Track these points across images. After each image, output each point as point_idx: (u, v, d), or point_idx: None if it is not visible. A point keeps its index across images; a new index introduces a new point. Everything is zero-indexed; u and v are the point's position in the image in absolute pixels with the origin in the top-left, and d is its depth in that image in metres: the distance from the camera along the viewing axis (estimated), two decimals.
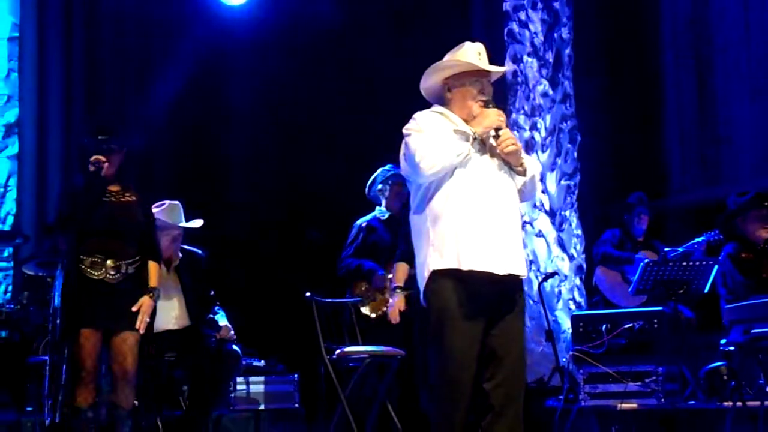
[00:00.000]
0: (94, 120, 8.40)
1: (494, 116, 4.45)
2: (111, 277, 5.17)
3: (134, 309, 5.22)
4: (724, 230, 7.22)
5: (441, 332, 4.36)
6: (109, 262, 5.17)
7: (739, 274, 6.85)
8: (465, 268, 4.32)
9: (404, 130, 4.49)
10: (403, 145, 4.46)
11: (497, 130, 4.45)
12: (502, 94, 8.84)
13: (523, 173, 4.53)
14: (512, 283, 4.44)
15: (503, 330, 4.40)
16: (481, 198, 4.38)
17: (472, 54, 4.57)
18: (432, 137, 4.37)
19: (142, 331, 5.26)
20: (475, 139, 4.40)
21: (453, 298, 4.34)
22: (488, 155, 4.48)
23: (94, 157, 5.22)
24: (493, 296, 4.38)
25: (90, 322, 5.10)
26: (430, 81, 4.63)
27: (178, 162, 8.85)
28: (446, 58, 4.60)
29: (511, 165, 4.50)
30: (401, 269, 6.49)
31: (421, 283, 4.47)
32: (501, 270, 4.36)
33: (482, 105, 4.50)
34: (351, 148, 8.85)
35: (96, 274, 5.16)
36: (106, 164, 5.24)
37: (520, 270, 4.45)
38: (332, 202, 8.55)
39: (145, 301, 5.28)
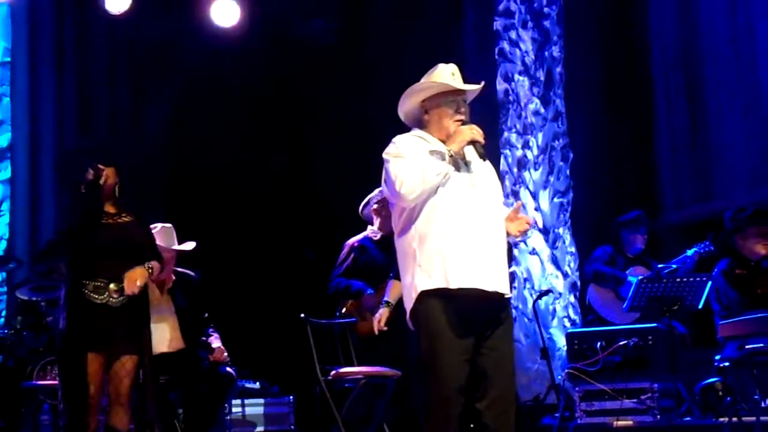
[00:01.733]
0: (88, 141, 8.41)
1: (467, 132, 4.44)
2: (114, 300, 5.15)
3: (126, 274, 5.11)
4: (719, 246, 7.22)
5: (432, 353, 4.35)
6: (111, 285, 5.15)
7: (732, 291, 6.85)
8: (453, 286, 4.32)
9: (384, 155, 4.49)
10: (384, 171, 4.47)
11: (473, 143, 4.46)
12: (493, 113, 8.88)
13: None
14: (499, 300, 4.43)
15: (492, 348, 4.40)
16: (465, 216, 4.38)
17: (446, 74, 4.58)
18: (410, 162, 4.38)
19: (135, 292, 5.12)
20: (451, 156, 4.40)
21: (442, 317, 4.33)
22: (467, 173, 4.49)
23: (95, 165, 5.20)
24: (481, 314, 4.37)
25: (93, 346, 5.09)
26: (407, 105, 4.65)
27: (171, 184, 8.86)
28: (422, 81, 4.63)
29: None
30: (396, 286, 6.47)
31: (408, 304, 4.46)
32: (489, 287, 4.36)
33: (459, 124, 4.52)
34: (345, 167, 8.86)
35: (99, 298, 5.13)
36: (106, 172, 5.23)
37: (505, 289, 4.45)
38: (327, 222, 8.56)
39: (139, 269, 5.14)
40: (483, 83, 4.67)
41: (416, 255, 4.40)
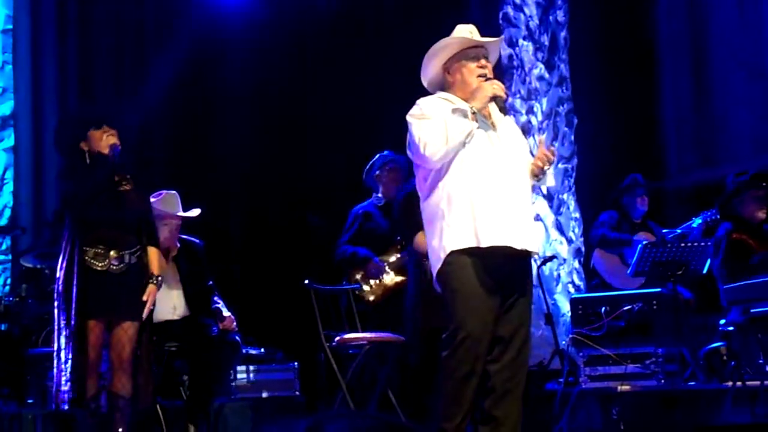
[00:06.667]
0: (91, 109, 8.37)
1: (488, 87, 4.43)
2: (115, 267, 5.17)
3: (144, 299, 5.24)
4: (720, 210, 7.21)
5: (460, 312, 4.33)
6: (112, 252, 5.16)
7: (723, 266, 6.86)
8: (484, 245, 4.31)
9: (408, 117, 4.48)
10: (408, 134, 4.45)
11: (495, 99, 4.43)
12: (497, 78, 8.81)
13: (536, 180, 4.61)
14: (526, 259, 4.46)
15: (512, 315, 4.41)
16: (493, 174, 4.38)
17: (463, 32, 4.59)
18: (434, 123, 4.35)
19: (144, 319, 5.27)
20: (474, 113, 4.37)
21: (472, 277, 4.32)
22: (492, 130, 4.48)
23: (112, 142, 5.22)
24: (509, 273, 4.38)
25: (95, 313, 5.10)
26: (430, 71, 4.62)
27: (175, 151, 8.83)
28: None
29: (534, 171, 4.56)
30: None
31: (436, 266, 4.43)
32: (518, 244, 4.36)
33: (482, 80, 4.49)
34: (350, 133, 8.82)
35: (100, 265, 5.15)
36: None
37: (534, 246, 4.47)
38: (331, 188, 8.54)
39: (151, 290, 5.30)
40: (501, 36, 4.66)
41: (445, 215, 4.37)
